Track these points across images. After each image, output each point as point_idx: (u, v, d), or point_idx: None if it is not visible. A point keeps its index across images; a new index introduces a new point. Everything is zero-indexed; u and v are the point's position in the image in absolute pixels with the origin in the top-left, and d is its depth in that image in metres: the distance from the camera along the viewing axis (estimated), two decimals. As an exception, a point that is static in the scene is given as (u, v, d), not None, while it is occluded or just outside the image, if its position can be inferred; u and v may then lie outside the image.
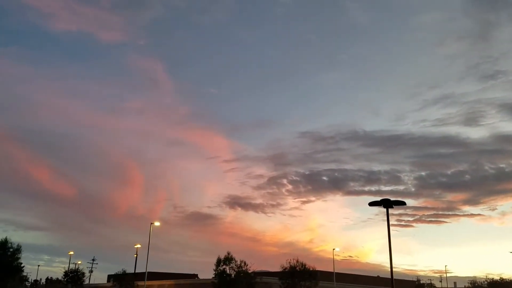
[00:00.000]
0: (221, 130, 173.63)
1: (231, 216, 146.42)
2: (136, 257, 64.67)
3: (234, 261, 52.33)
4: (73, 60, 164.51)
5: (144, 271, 56.66)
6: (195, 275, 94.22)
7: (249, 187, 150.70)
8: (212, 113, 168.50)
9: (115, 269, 73.19)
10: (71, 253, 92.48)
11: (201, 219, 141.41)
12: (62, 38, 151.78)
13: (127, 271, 69.76)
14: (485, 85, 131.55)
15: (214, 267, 52.49)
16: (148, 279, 58.24)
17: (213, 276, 53.03)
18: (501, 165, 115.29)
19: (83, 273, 75.88)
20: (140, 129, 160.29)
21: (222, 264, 52.21)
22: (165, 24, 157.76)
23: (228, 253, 52.98)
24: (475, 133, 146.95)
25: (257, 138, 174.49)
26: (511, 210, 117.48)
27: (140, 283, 63.56)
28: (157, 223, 56.72)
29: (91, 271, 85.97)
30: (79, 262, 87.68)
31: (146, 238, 55.48)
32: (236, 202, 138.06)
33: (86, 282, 79.32)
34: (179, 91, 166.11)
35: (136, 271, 63.99)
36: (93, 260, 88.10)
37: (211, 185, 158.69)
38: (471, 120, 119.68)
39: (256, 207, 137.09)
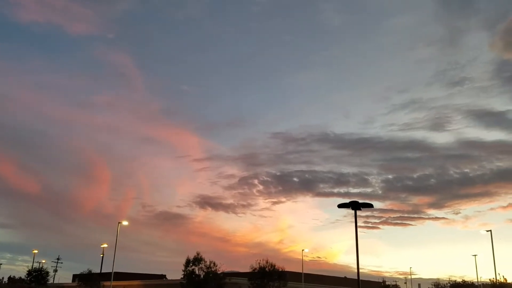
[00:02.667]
0: (193, 128, 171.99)
1: (201, 216, 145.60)
2: (103, 256, 63.56)
3: (203, 262, 51.95)
4: (41, 52, 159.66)
5: (111, 271, 55.60)
6: (163, 276, 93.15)
7: (220, 187, 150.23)
8: (184, 111, 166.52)
9: (81, 269, 71.51)
10: (35, 251, 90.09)
11: (170, 219, 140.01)
12: (29, 29, 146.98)
13: (93, 271, 68.46)
14: (452, 91, 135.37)
15: (183, 268, 51.99)
16: (115, 280, 57.13)
17: (182, 276, 52.52)
18: (466, 170, 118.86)
19: (47, 272, 73.80)
20: (109, 124, 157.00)
21: (191, 264, 51.74)
22: (137, 17, 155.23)
23: (198, 254, 52.59)
24: (441, 138, 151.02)
25: (230, 137, 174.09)
26: (474, 214, 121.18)
27: (106, 283, 62.33)
28: (125, 222, 55.76)
29: (55, 271, 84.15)
30: (43, 261, 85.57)
31: (113, 237, 54.49)
32: (206, 202, 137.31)
33: (50, 281, 77.27)
34: (150, 87, 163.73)
35: (103, 271, 62.85)
36: (57, 259, 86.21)
37: (182, 184, 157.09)
38: (438, 125, 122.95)
39: (226, 207, 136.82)
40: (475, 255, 69.11)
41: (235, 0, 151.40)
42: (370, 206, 23.18)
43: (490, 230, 51.79)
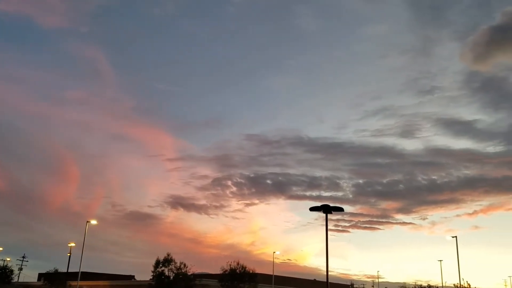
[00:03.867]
0: (166, 127, 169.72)
1: (173, 216, 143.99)
2: (70, 256, 62.10)
3: (173, 263, 51.55)
4: (9, 43, 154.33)
5: (78, 270, 54.49)
6: (132, 276, 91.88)
7: (193, 187, 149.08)
8: (157, 109, 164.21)
9: (47, 268, 70.17)
10: (0, 249, 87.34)
11: (140, 219, 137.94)
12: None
13: (60, 270, 66.91)
14: (422, 100, 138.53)
15: (152, 269, 51.45)
16: (82, 279, 55.98)
17: (151, 277, 51.95)
18: (433, 177, 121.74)
19: (11, 271, 71.87)
20: (80, 121, 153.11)
21: (160, 265, 51.25)
22: (112, 12, 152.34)
23: (168, 254, 52.17)
24: (410, 145, 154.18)
25: (204, 138, 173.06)
26: (440, 220, 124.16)
27: (73, 283, 61.02)
28: (93, 221, 54.65)
29: (20, 269, 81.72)
30: (8, 259, 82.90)
31: (81, 236, 53.32)
32: (178, 202, 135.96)
33: (15, 280, 75.17)
34: (124, 84, 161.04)
35: (69, 271, 61.41)
36: (23, 257, 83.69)
37: (153, 184, 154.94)
38: (408, 132, 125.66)
39: (199, 208, 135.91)
40: (440, 260, 70.95)
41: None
42: (340, 210, 23.54)
43: (456, 236, 53.18)
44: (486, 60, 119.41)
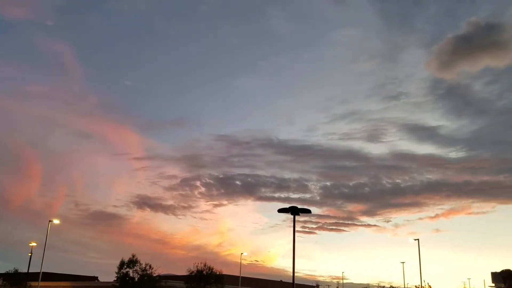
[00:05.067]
0: (134, 125, 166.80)
1: (139, 216, 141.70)
2: (31, 256, 60.20)
3: (138, 264, 50.78)
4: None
5: (39, 271, 52.90)
6: (95, 278, 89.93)
7: (161, 187, 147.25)
8: (125, 106, 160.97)
9: (6, 268, 67.55)
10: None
11: (105, 219, 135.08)
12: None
13: (20, 270, 64.89)
14: (388, 105, 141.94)
15: (117, 270, 50.54)
16: (43, 280, 54.35)
17: (115, 279, 51.01)
18: (397, 181, 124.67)
19: (-32, 271, 69.02)
20: (43, 116, 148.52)
21: (125, 266, 50.40)
22: (80, 6, 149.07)
23: (133, 255, 51.37)
24: (376, 149, 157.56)
25: (173, 137, 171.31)
26: (403, 223, 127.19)
27: (34, 283, 59.25)
28: (56, 221, 53.11)
29: (-23, 270, 78.56)
30: (-36, 260, 79.75)
31: (43, 235, 51.78)
32: (145, 203, 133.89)
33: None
34: (90, 79, 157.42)
35: (30, 271, 59.55)
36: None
37: (119, 183, 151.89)
38: (374, 136, 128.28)
39: (166, 209, 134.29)
40: (403, 262, 72.57)
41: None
42: (308, 212, 23.76)
43: (418, 239, 54.52)
44: (450, 68, 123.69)
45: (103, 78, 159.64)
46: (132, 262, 50.70)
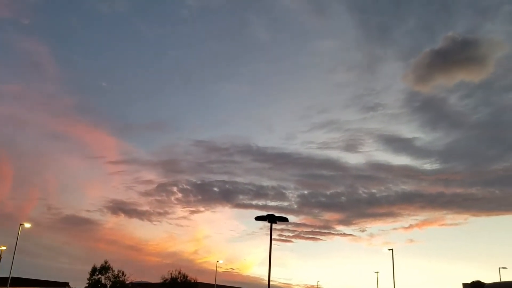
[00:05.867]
0: (110, 128, 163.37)
1: (113, 222, 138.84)
2: (0, 260, 58.40)
3: (111, 271, 49.90)
4: None
5: (8, 276, 51.33)
6: (66, 284, 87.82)
7: (136, 192, 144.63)
8: (101, 109, 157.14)
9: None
10: None
11: (78, 223, 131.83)
12: None
13: (-14, 276, 62.82)
14: (366, 116, 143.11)
15: (88, 276, 49.50)
16: (12, 285, 52.75)
17: (86, 285, 49.91)
18: (373, 191, 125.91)
19: None
20: (16, 116, 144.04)
21: (97, 273, 49.47)
22: (56, 5, 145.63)
23: (105, 262, 50.51)
24: (353, 159, 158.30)
25: (150, 141, 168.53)
26: (378, 233, 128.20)
27: (1, 290, 57.46)
28: (27, 224, 51.77)
29: None
30: None
31: (13, 239, 50.26)
32: (119, 208, 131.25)
33: None
34: (66, 80, 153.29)
35: (-2, 277, 57.85)
36: None
37: (93, 187, 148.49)
38: (351, 146, 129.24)
39: (141, 214, 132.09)
40: (377, 272, 73.30)
41: (164, 0, 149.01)
42: (285, 220, 23.65)
43: (392, 249, 55.13)
44: (426, 82, 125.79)
45: (79, 79, 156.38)
46: (105, 268, 49.85)
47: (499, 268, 63.20)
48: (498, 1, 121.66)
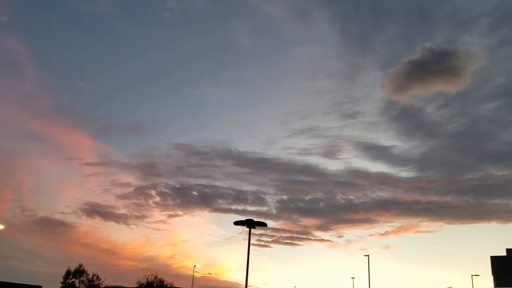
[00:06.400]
0: (87, 129, 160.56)
1: (88, 225, 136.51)
2: (-31, 263, 56.85)
3: (85, 274, 49.15)
4: None
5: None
6: (39, 287, 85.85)
7: (113, 195, 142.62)
8: (79, 109, 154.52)
9: None
10: None
11: (52, 226, 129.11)
12: None
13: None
14: (345, 123, 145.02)
15: (62, 280, 48.58)
16: (-20, 290, 51.42)
17: (60, 289, 48.96)
18: (351, 197, 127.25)
19: None
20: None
21: (71, 276, 48.74)
22: (36, 3, 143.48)
23: (80, 265, 49.86)
24: (332, 165, 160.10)
25: (128, 143, 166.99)
26: (355, 239, 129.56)
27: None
28: (0, 226, 50.56)
29: None
30: None
31: (-16, 242, 49.02)
32: (95, 211, 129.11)
33: None
34: (44, 80, 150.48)
35: (-33, 280, 56.22)
36: None
37: (69, 189, 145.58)
38: (330, 153, 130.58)
39: (118, 218, 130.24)
40: (353, 278, 73.97)
41: (146, 2, 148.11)
42: (264, 225, 23.75)
43: (368, 255, 55.73)
44: (404, 91, 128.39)
45: (58, 78, 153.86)
46: (79, 272, 49.17)
47: (472, 275, 64.58)
48: (475, 14, 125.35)
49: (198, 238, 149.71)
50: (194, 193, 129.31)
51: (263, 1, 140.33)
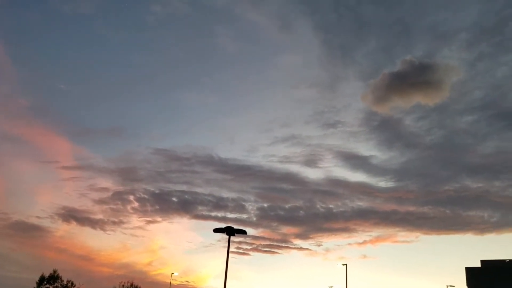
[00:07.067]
0: (65, 132, 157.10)
1: (63, 230, 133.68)
2: None
3: (59, 280, 48.05)
4: None
5: None
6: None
7: (90, 200, 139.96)
8: (58, 111, 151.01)
9: None
10: None
11: (27, 230, 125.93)
12: None
13: None
14: (326, 132, 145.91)
15: (35, 285, 47.44)
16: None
17: (33, 295, 47.78)
18: (330, 206, 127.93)
19: None
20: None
21: (45, 282, 47.51)
22: (16, 3, 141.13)
23: (54, 271, 48.51)
24: (312, 174, 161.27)
25: (107, 147, 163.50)
26: (333, 248, 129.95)
27: None
28: (-28, 230, 49.25)
29: None
30: None
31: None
32: (71, 215, 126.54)
33: None
34: (22, 80, 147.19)
35: None
36: None
37: (45, 193, 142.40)
38: (311, 161, 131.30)
39: (94, 223, 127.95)
40: (331, 287, 74.22)
41: (130, 5, 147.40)
42: (243, 232, 23.64)
43: (346, 264, 55.98)
44: (384, 102, 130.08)
45: (37, 79, 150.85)
46: (53, 278, 47.98)
47: (447, 286, 65.50)
48: (455, 28, 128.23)
49: (177, 245, 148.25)
50: (174, 199, 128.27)
51: (247, 9, 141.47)
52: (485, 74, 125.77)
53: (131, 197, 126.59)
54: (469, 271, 79.84)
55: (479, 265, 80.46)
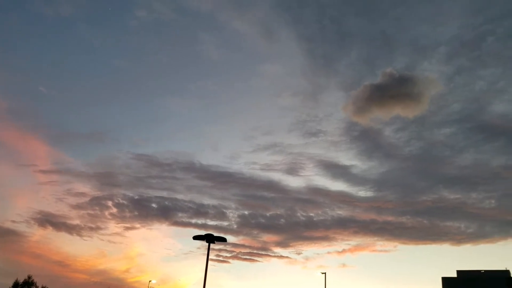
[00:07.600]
0: (44, 135, 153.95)
1: (39, 235, 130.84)
2: None
3: (34, 286, 47.06)
4: None
5: None
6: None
7: (67, 205, 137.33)
8: (36, 114, 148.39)
9: None
10: None
11: (1, 234, 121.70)
12: None
13: None
14: (308, 141, 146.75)
15: (9, 291, 46.35)
16: None
17: (5, 301, 46.64)
18: (311, 214, 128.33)
19: None
20: None
21: (19, 288, 46.41)
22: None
23: (29, 277, 47.61)
24: (294, 182, 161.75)
25: (86, 151, 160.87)
26: (313, 256, 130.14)
27: None
28: None
29: None
30: None
31: None
32: (47, 220, 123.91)
33: None
34: (1, 82, 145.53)
35: None
36: None
37: (21, 197, 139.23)
38: (292, 170, 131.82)
39: (71, 228, 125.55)
40: (311, 295, 74.33)
41: (113, 8, 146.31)
42: (223, 240, 23.59)
43: (325, 273, 56.16)
44: (364, 113, 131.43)
45: (15, 81, 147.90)
46: (27, 284, 46.98)
47: (424, 295, 66.26)
48: (435, 41, 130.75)
49: (155, 252, 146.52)
50: (153, 205, 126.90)
51: (231, 17, 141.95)
52: (464, 87, 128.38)
53: (110, 203, 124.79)
54: (446, 281, 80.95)
55: (455, 275, 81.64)
